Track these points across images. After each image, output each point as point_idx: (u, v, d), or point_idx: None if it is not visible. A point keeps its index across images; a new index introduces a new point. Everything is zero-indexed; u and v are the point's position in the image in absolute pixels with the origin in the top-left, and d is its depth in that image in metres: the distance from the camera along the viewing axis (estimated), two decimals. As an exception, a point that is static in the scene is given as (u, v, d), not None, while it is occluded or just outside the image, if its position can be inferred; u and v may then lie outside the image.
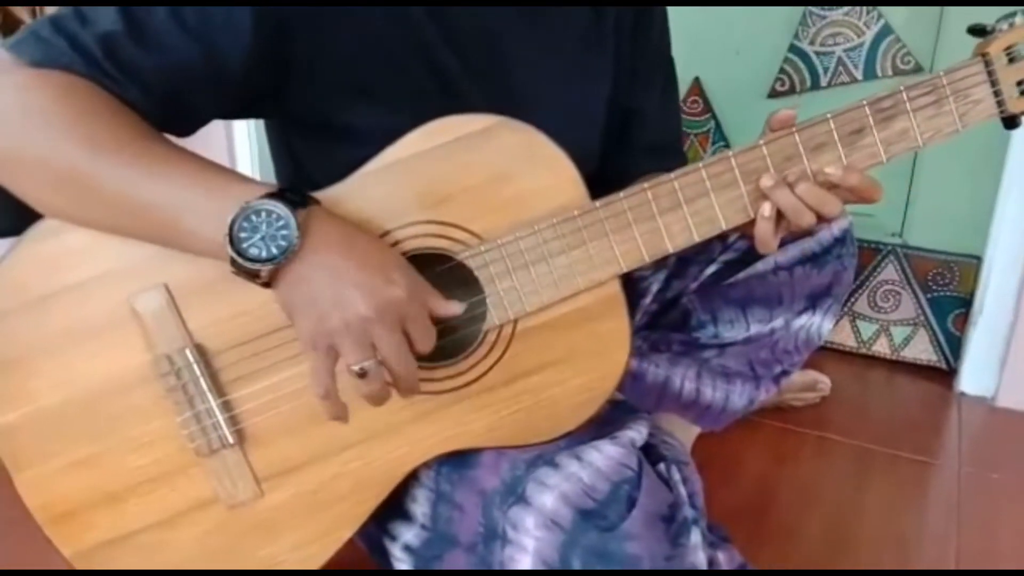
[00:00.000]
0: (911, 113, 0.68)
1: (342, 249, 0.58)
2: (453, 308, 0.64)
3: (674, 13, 1.45)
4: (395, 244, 0.66)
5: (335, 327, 0.58)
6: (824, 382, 1.18)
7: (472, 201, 0.67)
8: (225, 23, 0.62)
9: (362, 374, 0.59)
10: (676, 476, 0.68)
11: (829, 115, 0.68)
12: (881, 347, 1.43)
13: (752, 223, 0.69)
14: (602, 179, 0.72)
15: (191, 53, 0.61)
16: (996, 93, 0.68)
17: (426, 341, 0.62)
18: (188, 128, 0.68)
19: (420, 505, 0.73)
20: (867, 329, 1.44)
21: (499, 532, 0.65)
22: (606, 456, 0.65)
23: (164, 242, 0.62)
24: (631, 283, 1.07)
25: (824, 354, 1.43)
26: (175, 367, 0.66)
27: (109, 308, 0.66)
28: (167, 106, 0.63)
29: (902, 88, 0.68)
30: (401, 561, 0.74)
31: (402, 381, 0.62)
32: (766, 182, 0.67)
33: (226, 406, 0.67)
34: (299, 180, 0.75)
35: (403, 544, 0.74)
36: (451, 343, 0.70)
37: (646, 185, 0.68)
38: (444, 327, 0.70)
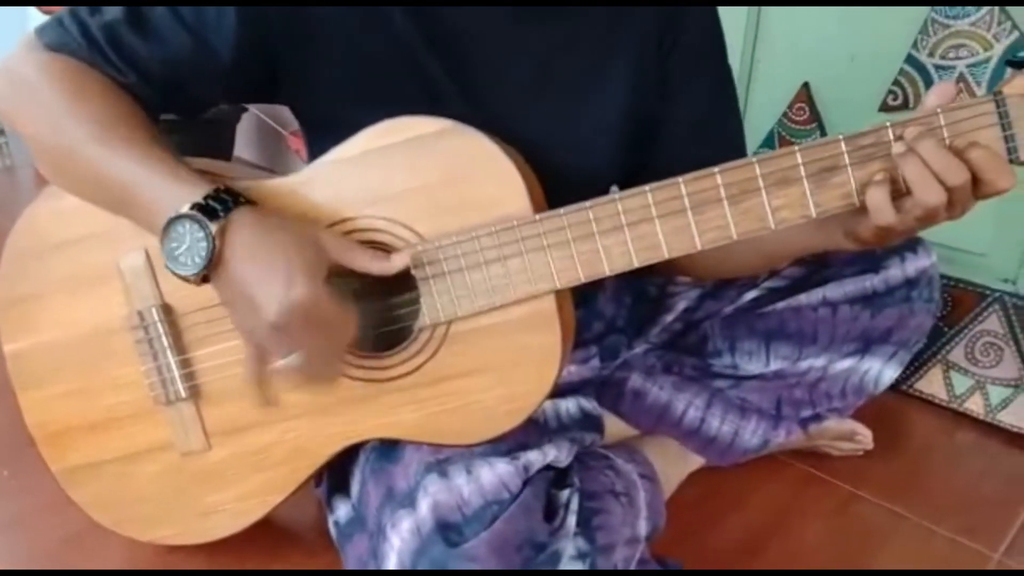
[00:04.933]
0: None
1: (251, 256, 0.60)
2: (387, 265, 0.64)
3: (787, 14, 1.35)
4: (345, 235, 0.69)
5: (252, 330, 0.61)
6: (864, 435, 1.06)
7: (418, 201, 0.68)
8: (216, 22, 0.67)
9: (283, 370, 0.62)
10: (573, 506, 0.66)
11: (797, 149, 0.62)
12: (974, 405, 1.26)
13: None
14: None
15: (185, 46, 0.67)
16: (1008, 139, 0.58)
17: (345, 330, 0.63)
18: (190, 111, 0.75)
19: (354, 484, 0.76)
20: (961, 383, 1.27)
21: (381, 526, 0.66)
22: (494, 473, 0.64)
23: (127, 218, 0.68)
24: (659, 299, 1.03)
25: (911, 403, 1.28)
26: (144, 322, 0.74)
27: (101, 263, 0.75)
28: (166, 92, 0.70)
29: (888, 125, 0.60)
30: (333, 535, 0.78)
31: (323, 374, 0.64)
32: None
33: (184, 363, 0.74)
34: None
35: (335, 520, 0.78)
36: (390, 335, 0.72)
37: (588, 204, 0.65)
38: (384, 318, 0.72)
